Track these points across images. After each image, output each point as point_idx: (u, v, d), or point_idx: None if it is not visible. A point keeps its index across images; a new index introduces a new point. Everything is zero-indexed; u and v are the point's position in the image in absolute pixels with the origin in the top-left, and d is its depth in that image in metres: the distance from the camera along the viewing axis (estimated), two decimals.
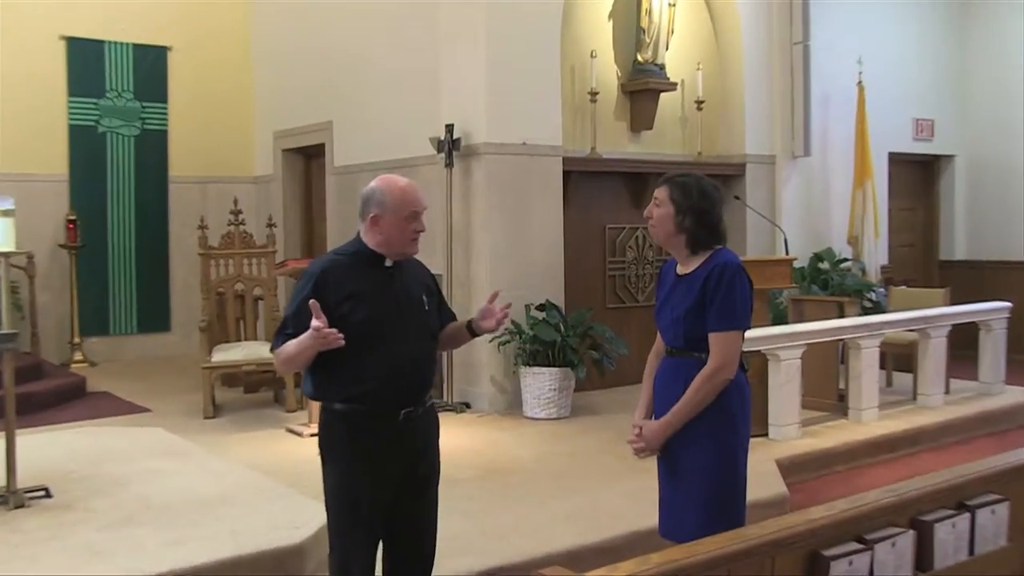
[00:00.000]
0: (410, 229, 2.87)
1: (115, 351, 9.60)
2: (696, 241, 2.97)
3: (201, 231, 7.37)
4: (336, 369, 2.82)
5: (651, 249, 8.03)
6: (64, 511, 4.56)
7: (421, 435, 2.92)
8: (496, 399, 6.98)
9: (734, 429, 2.93)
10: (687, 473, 2.95)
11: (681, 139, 8.38)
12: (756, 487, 4.86)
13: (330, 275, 2.84)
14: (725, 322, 2.88)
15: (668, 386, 3.01)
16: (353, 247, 2.93)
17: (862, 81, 8.85)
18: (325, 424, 2.89)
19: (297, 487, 4.92)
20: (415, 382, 2.89)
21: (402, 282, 2.92)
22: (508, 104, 7.01)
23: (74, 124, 9.36)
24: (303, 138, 9.51)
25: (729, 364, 2.88)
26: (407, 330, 2.87)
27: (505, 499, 4.85)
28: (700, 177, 3.03)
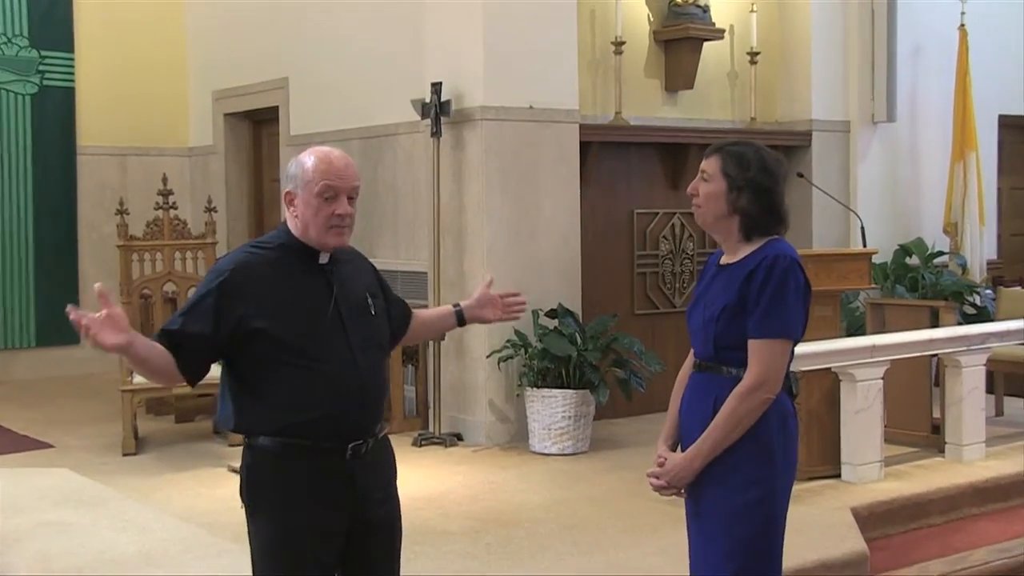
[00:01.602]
0: (326, 212, 2.79)
1: (5, 369, 9.56)
2: (752, 225, 2.99)
3: (120, 216, 7.34)
4: (263, 393, 2.77)
5: (691, 240, 8.00)
6: None
7: (374, 474, 2.88)
8: (495, 430, 6.95)
9: (771, 466, 2.94)
10: (712, 517, 2.99)
11: (729, 101, 8.35)
12: (826, 542, 4.84)
13: (244, 277, 2.77)
14: (769, 328, 2.89)
15: (695, 409, 3.04)
16: (277, 238, 2.88)
17: (965, 25, 8.82)
18: (250, 465, 2.83)
19: (243, 541, 4.84)
20: (364, 409, 2.84)
21: (341, 282, 2.87)
22: (511, 57, 6.98)
23: None
24: (251, 100, 9.48)
25: (770, 381, 2.90)
26: (351, 344, 2.82)
27: (505, 557, 4.81)
28: (760, 147, 3.05)
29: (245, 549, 4.78)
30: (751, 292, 2.90)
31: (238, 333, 2.73)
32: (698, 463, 2.94)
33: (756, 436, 2.91)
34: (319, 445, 2.77)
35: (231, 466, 6.30)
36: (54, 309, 9.69)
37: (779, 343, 2.90)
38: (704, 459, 2.93)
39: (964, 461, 6.28)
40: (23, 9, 9.55)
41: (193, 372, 2.78)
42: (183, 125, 10.43)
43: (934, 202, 8.93)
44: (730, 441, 2.90)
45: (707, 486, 2.97)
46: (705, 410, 2.97)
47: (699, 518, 3.03)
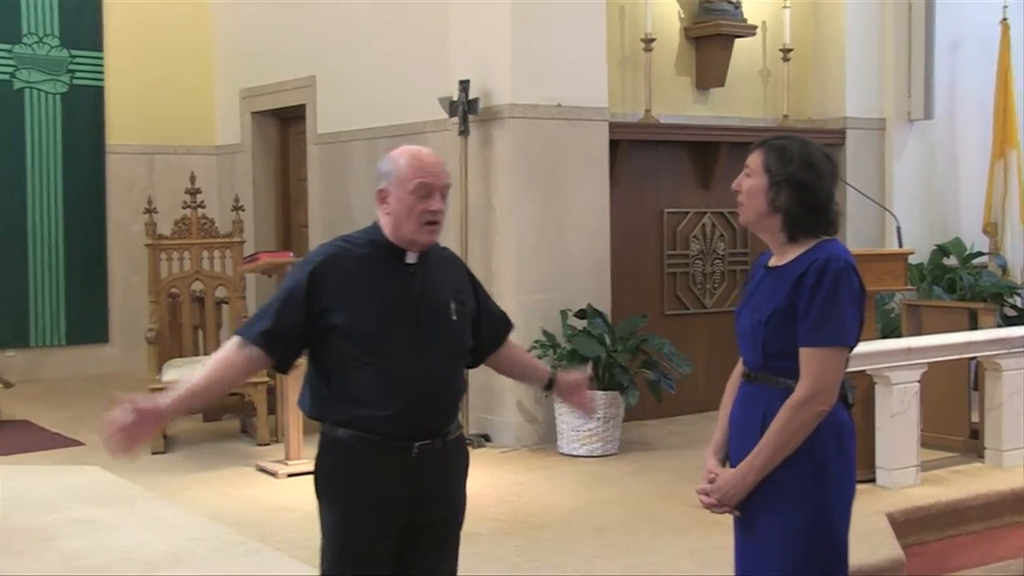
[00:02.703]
0: (419, 209, 2.85)
1: (36, 368, 9.65)
2: (793, 224, 2.89)
3: (148, 216, 7.39)
4: (336, 385, 2.85)
5: (722, 240, 7.98)
6: None
7: (440, 475, 2.93)
8: (524, 431, 6.96)
9: (825, 483, 2.85)
10: (762, 537, 2.90)
11: (761, 98, 8.32)
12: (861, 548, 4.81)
13: (334, 269, 2.86)
14: (823, 335, 2.79)
15: (745, 422, 2.95)
16: (368, 235, 2.95)
17: (1007, 19, 8.74)
18: (323, 454, 2.93)
19: (271, 541, 4.91)
20: (432, 410, 2.90)
21: (426, 284, 2.92)
22: (539, 54, 6.98)
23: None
24: (278, 98, 9.53)
25: (824, 392, 2.80)
26: (426, 346, 2.87)
27: (535, 561, 4.82)
28: (807, 142, 2.95)
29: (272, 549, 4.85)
30: (801, 297, 2.80)
31: (319, 324, 2.81)
32: (749, 480, 2.85)
33: (809, 451, 2.82)
34: (387, 442, 2.83)
35: (261, 466, 6.33)
36: (84, 308, 9.87)
37: (833, 351, 2.80)
38: (756, 476, 2.84)
39: (1004, 467, 6.21)
40: (54, 9, 9.64)
41: (288, 364, 2.90)
42: (210, 124, 10.49)
43: (973, 201, 8.86)
44: (782, 457, 2.81)
45: (757, 504, 2.88)
46: (755, 424, 2.88)
47: (748, 536, 2.94)
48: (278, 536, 5.00)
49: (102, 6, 9.87)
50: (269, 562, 4.72)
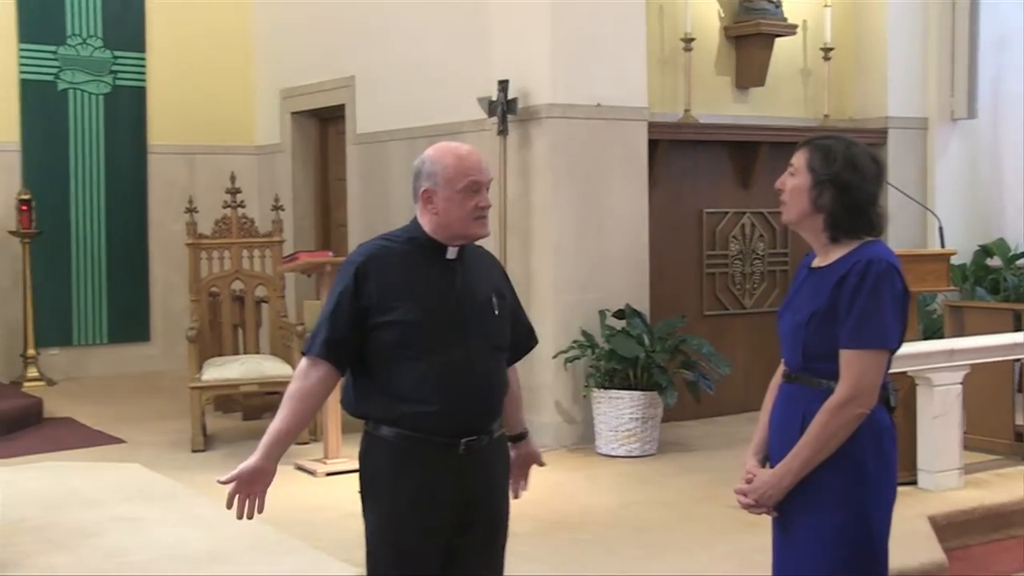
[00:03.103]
0: (470, 205, 2.88)
1: (79, 366, 9.76)
2: (836, 225, 2.87)
3: (189, 215, 7.46)
4: (381, 383, 2.87)
5: (761, 240, 7.95)
6: (12, 570, 4.64)
7: (486, 471, 2.94)
8: (562, 431, 6.96)
9: (863, 485, 2.84)
10: (799, 540, 2.89)
11: (802, 98, 8.28)
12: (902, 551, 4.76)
13: (376, 266, 2.88)
14: (863, 337, 2.78)
15: (784, 422, 2.94)
16: (407, 232, 2.97)
17: None
18: (366, 452, 2.94)
19: (310, 540, 4.94)
20: (480, 405, 2.91)
21: (467, 279, 2.94)
22: (578, 54, 6.98)
23: (27, 79, 9.54)
24: (317, 98, 9.58)
25: (864, 394, 2.79)
26: (469, 341, 2.88)
27: (573, 561, 4.82)
28: (853, 142, 2.93)
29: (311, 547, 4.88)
30: (842, 298, 2.79)
31: (367, 322, 2.84)
32: (787, 482, 2.84)
33: (847, 454, 2.80)
34: (432, 438, 2.84)
35: (300, 465, 6.37)
36: (125, 307, 9.97)
37: (873, 354, 2.79)
38: (794, 477, 2.83)
39: None
40: (97, 11, 9.75)
41: (346, 366, 2.91)
42: (250, 124, 10.57)
43: (1017, 201, 8.76)
44: (821, 458, 2.80)
45: (795, 506, 2.87)
46: (794, 424, 2.87)
47: (786, 538, 2.93)
48: (317, 535, 5.03)
49: (144, 7, 9.97)
50: (308, 561, 4.75)
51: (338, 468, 6.03)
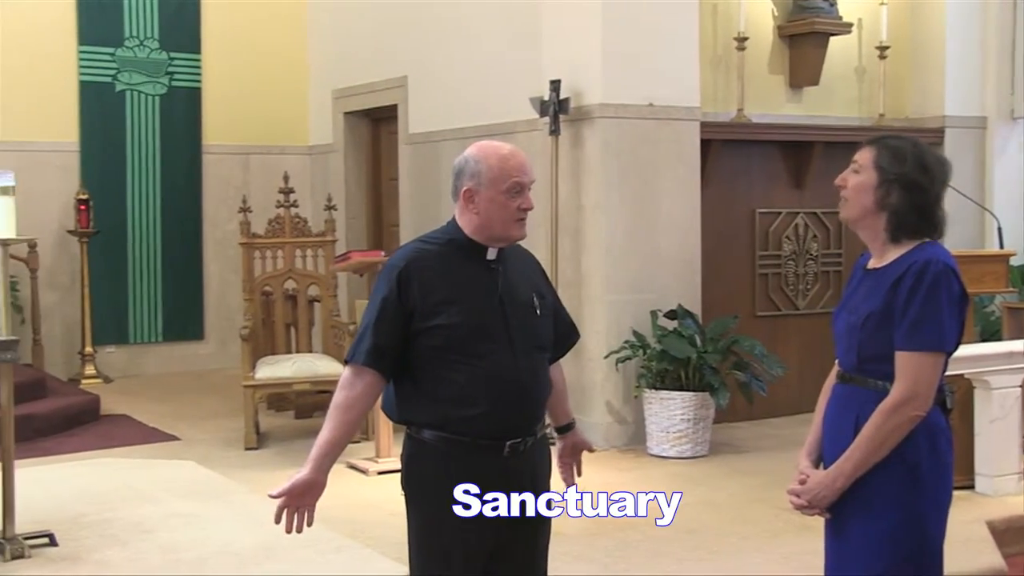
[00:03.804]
0: (513, 206, 2.86)
1: (135, 364, 9.89)
2: (900, 225, 2.85)
3: (243, 214, 7.52)
4: (424, 386, 2.85)
5: (815, 241, 7.88)
6: (72, 564, 4.71)
7: (529, 473, 2.93)
8: (613, 431, 6.95)
9: (917, 488, 2.80)
10: (852, 542, 2.86)
11: (856, 97, 8.20)
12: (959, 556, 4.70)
13: (417, 270, 2.86)
14: (919, 340, 2.75)
15: (838, 423, 2.92)
16: (446, 234, 2.95)
17: None
18: (410, 456, 2.92)
19: (361, 538, 4.97)
20: (525, 407, 2.89)
21: (508, 280, 2.92)
22: (630, 54, 6.96)
23: (86, 80, 9.68)
24: (370, 98, 9.63)
25: (919, 396, 2.76)
26: (513, 342, 2.86)
27: (624, 561, 4.81)
28: (920, 143, 2.91)
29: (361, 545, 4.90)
30: (898, 300, 2.76)
31: (410, 327, 2.82)
32: (840, 483, 2.82)
33: (902, 456, 2.78)
34: (477, 442, 2.83)
35: (351, 463, 6.41)
36: (180, 305, 10.09)
37: (929, 356, 2.76)
38: (847, 479, 2.81)
39: None
40: (154, 13, 9.87)
41: (392, 373, 2.88)
42: (304, 124, 10.65)
43: None
44: (874, 461, 2.78)
45: (848, 507, 2.85)
46: (847, 426, 2.85)
47: (839, 540, 2.91)
48: (367, 533, 5.06)
49: (200, 9, 10.08)
50: (358, 558, 4.78)
51: (389, 467, 6.05)
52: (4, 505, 4.79)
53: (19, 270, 8.80)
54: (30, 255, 8.93)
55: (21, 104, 9.39)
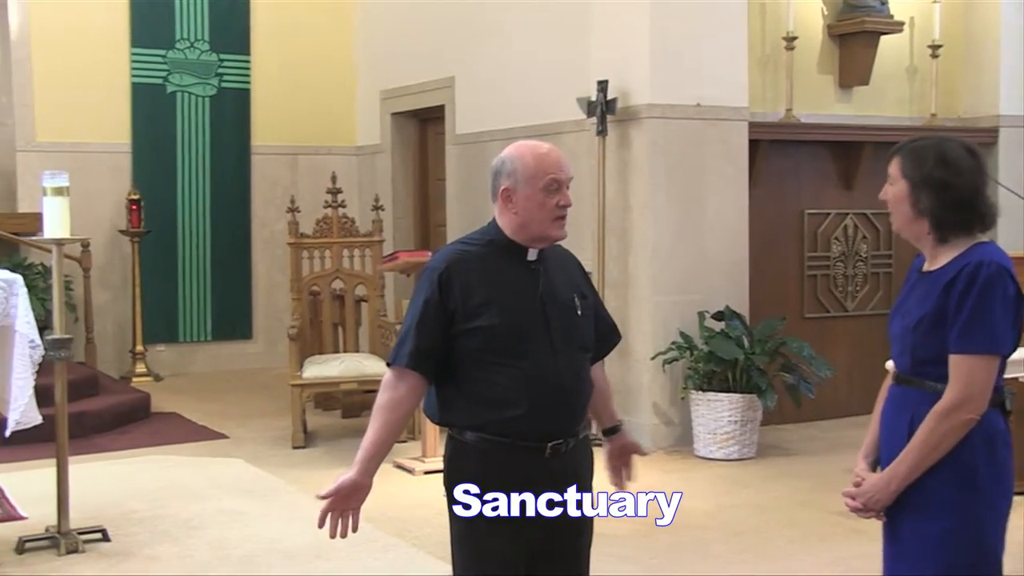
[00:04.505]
0: (551, 204, 2.85)
1: (184, 362, 10.01)
2: (940, 225, 2.81)
3: (291, 214, 7.58)
4: (465, 388, 2.85)
5: (864, 242, 7.82)
6: (123, 559, 4.78)
7: (572, 475, 2.92)
8: (659, 432, 6.94)
9: (974, 492, 2.77)
10: (909, 545, 2.84)
11: (907, 97, 8.13)
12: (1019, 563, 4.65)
13: (458, 272, 2.85)
14: (972, 343, 2.72)
15: (893, 426, 2.89)
16: (486, 235, 2.94)
17: None
18: (451, 457, 2.93)
19: (407, 537, 5.00)
20: (566, 408, 2.88)
21: (549, 280, 2.91)
22: (678, 54, 6.95)
23: (138, 82, 9.81)
24: (417, 99, 9.67)
25: (973, 400, 2.72)
26: (554, 342, 2.86)
27: (671, 562, 4.81)
28: (943, 139, 2.87)
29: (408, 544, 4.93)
30: (951, 302, 2.73)
31: (451, 329, 2.82)
32: (894, 486, 2.80)
33: (957, 459, 2.75)
34: (519, 443, 2.82)
35: (398, 463, 6.44)
36: (229, 305, 10.19)
37: (983, 359, 2.72)
38: (901, 482, 2.79)
39: None
40: (205, 15, 9.97)
41: (434, 376, 2.88)
42: (351, 124, 10.71)
43: None
44: (928, 464, 2.75)
45: (904, 511, 2.82)
46: (901, 427, 2.83)
47: (895, 543, 2.88)
48: (414, 532, 5.08)
49: (250, 11, 10.17)
50: (405, 558, 4.81)
51: (435, 467, 6.07)
52: (59, 500, 4.88)
53: (72, 269, 8.91)
54: (83, 254, 9.06)
55: (75, 106, 9.53)
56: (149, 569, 4.67)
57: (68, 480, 4.91)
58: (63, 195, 4.92)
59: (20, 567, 4.68)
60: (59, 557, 4.76)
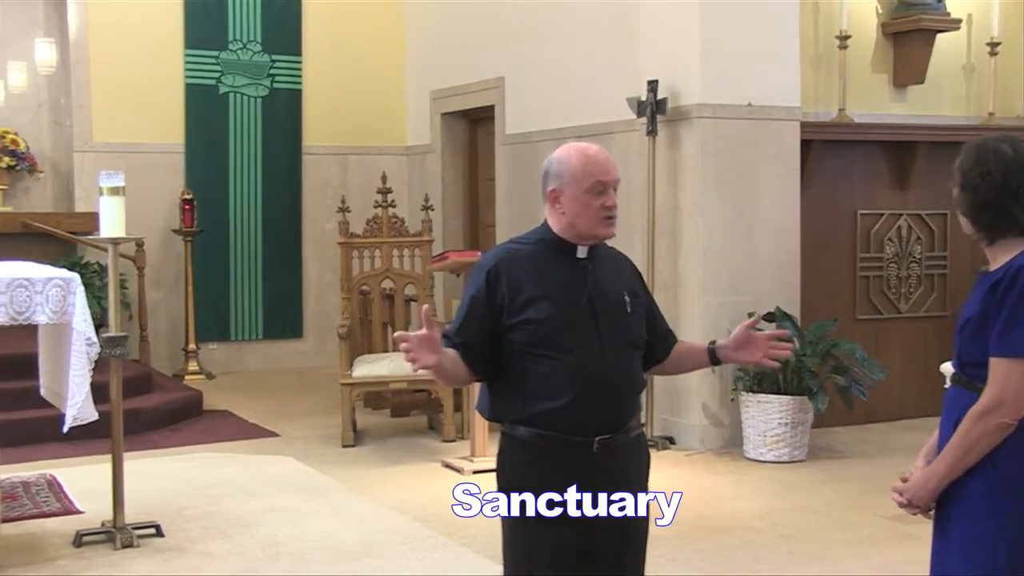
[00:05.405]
0: (596, 205, 2.89)
1: (235, 360, 10.13)
2: (977, 227, 2.82)
3: (341, 214, 7.65)
4: (515, 383, 2.90)
5: (919, 243, 7.75)
6: (177, 555, 4.86)
7: (621, 473, 2.94)
8: (709, 434, 6.93)
9: (1011, 496, 2.75)
10: (956, 548, 2.84)
11: (964, 96, 8.06)
12: None
13: (507, 269, 2.91)
14: (1008, 345, 2.70)
15: (943, 425, 2.90)
16: (537, 234, 3.00)
17: None
18: (502, 452, 2.98)
19: (456, 536, 5.03)
20: (612, 402, 2.91)
21: (598, 278, 2.95)
22: (729, 53, 6.93)
23: (192, 83, 9.94)
24: (467, 99, 9.72)
25: (1006, 404, 2.70)
26: (601, 337, 2.89)
27: (719, 565, 4.81)
28: (997, 138, 2.84)
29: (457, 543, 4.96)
30: (993, 304, 2.73)
31: (501, 325, 2.87)
32: (933, 485, 2.82)
33: (993, 462, 2.74)
34: (567, 437, 2.86)
35: (447, 462, 6.48)
36: (279, 304, 10.29)
37: (1018, 363, 2.70)
38: (939, 481, 2.80)
39: None
40: (257, 16, 10.09)
41: (482, 371, 2.94)
42: (402, 125, 10.78)
43: None
44: (965, 465, 2.76)
45: (952, 510, 2.83)
46: (948, 427, 2.83)
47: (942, 541, 2.89)
48: (462, 532, 5.11)
49: (301, 13, 10.27)
50: (454, 557, 4.84)
51: (484, 466, 6.10)
52: (114, 496, 4.97)
53: (127, 268, 9.05)
54: (137, 253, 9.20)
55: (130, 107, 9.69)
56: (202, 565, 4.74)
57: (123, 476, 5.00)
58: (119, 195, 5.00)
59: (78, 560, 4.78)
60: (115, 551, 4.85)
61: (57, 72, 9.84)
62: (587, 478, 2.87)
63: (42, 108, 9.93)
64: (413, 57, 10.64)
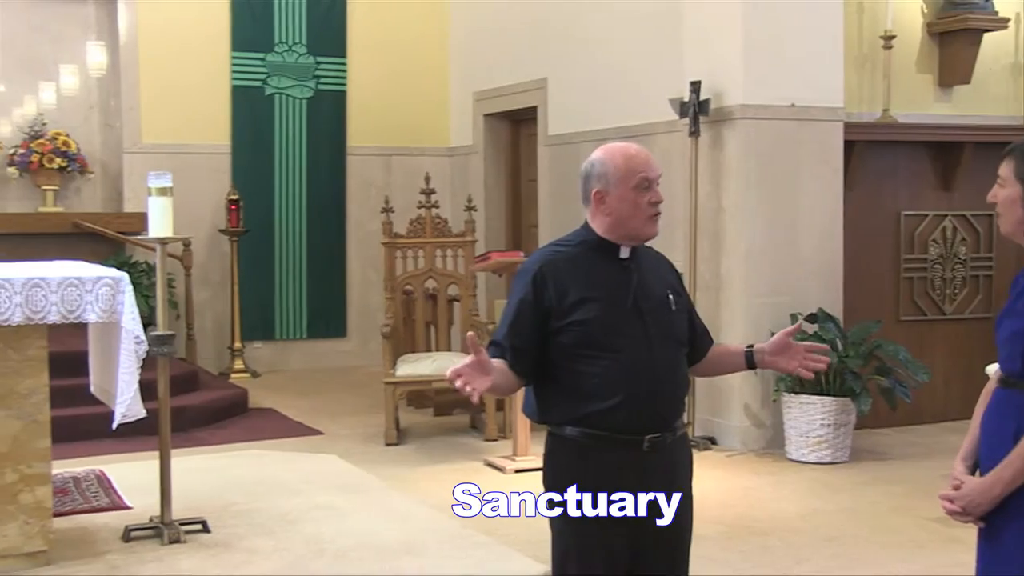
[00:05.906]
0: (643, 202, 2.90)
1: (280, 359, 10.21)
2: None
3: (385, 215, 7.69)
4: (564, 384, 2.90)
5: (964, 244, 7.67)
6: (223, 551, 4.91)
7: (667, 472, 2.94)
8: (750, 435, 6.90)
9: None
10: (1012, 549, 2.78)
11: (1011, 96, 7.97)
12: None
13: (552, 272, 2.91)
14: None
15: (996, 429, 2.84)
16: (579, 236, 3.01)
17: None
18: (549, 452, 2.98)
19: (498, 535, 5.04)
20: (662, 400, 2.92)
21: (642, 277, 2.96)
22: (772, 53, 6.90)
23: (238, 85, 10.03)
24: (510, 100, 9.74)
25: None
26: (649, 336, 2.90)
27: (760, 566, 4.79)
28: None
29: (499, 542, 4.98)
30: None
31: (547, 328, 2.88)
32: (997, 491, 2.76)
33: None
34: (616, 436, 2.86)
35: (489, 461, 6.50)
36: (324, 303, 10.37)
37: None
38: (1005, 487, 2.74)
39: None
40: (302, 19, 10.16)
41: (530, 375, 2.93)
42: (445, 126, 10.82)
43: None
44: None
45: (1007, 514, 2.78)
46: (1006, 431, 2.77)
47: (992, 543, 2.84)
48: (504, 531, 5.12)
49: (346, 15, 10.33)
50: (496, 556, 4.85)
51: (526, 466, 6.12)
52: (162, 492, 5.03)
53: (174, 268, 9.16)
54: (184, 253, 9.30)
55: (178, 109, 9.79)
56: (248, 561, 4.79)
57: (170, 472, 5.06)
58: (167, 195, 5.06)
59: (127, 554, 4.84)
60: (163, 546, 4.91)
61: (107, 75, 9.95)
62: (636, 477, 2.88)
63: (93, 110, 10.05)
64: (456, 59, 10.67)
